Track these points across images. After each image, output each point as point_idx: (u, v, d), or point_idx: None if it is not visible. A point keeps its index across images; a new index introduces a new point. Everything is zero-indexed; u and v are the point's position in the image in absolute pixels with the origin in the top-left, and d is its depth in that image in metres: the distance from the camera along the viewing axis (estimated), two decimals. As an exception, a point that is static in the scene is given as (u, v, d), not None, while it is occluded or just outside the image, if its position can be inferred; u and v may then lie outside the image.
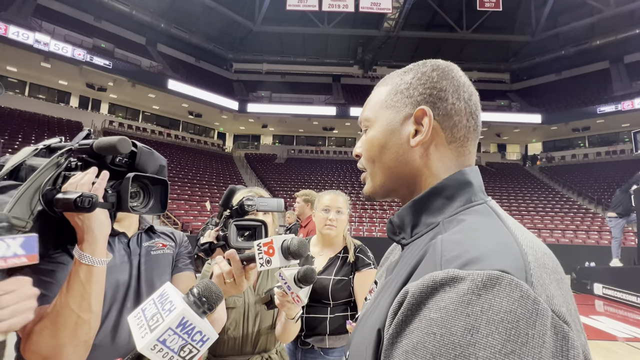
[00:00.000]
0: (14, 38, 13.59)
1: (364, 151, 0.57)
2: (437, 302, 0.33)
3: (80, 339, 0.70)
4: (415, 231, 0.50)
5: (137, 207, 0.75)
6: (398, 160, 0.52)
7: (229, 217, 1.00)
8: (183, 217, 12.41)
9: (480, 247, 0.37)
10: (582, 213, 15.88)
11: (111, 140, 0.70)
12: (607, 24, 19.70)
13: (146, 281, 0.95)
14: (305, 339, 1.48)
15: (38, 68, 15.67)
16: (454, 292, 0.33)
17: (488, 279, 0.32)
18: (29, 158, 0.74)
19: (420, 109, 0.50)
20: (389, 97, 0.54)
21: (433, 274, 0.35)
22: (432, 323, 0.32)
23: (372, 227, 13.90)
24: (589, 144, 22.21)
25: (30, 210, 0.66)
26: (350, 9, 18.80)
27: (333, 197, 1.59)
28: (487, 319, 0.30)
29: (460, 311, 0.31)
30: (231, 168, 20.31)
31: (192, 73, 21.55)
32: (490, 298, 0.31)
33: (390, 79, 0.57)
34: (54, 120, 16.42)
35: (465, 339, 0.30)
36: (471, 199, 0.48)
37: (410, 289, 0.36)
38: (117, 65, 16.61)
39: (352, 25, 21.41)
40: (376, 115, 0.55)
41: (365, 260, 1.53)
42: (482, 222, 0.43)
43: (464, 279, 0.33)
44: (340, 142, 25.12)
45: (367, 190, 0.57)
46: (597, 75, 21.95)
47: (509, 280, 0.32)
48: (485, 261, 0.34)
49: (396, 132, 0.52)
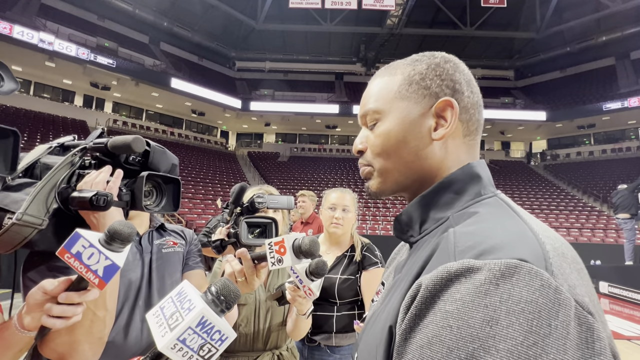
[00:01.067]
0: (19, 37, 13.67)
1: (373, 146, 0.52)
2: (452, 294, 0.32)
3: (95, 336, 0.71)
4: (423, 227, 0.49)
5: (151, 205, 0.76)
6: (417, 155, 0.50)
7: (240, 215, 1.01)
8: (187, 215, 12.46)
9: (496, 237, 0.35)
10: (587, 211, 15.76)
11: (126, 139, 0.71)
12: (613, 20, 19.46)
13: (158, 279, 0.95)
14: (312, 337, 1.49)
15: (42, 67, 15.77)
16: (470, 282, 0.31)
17: (506, 268, 0.31)
18: (43, 156, 0.75)
19: (445, 101, 0.49)
20: (402, 87, 0.51)
21: (447, 265, 0.34)
22: (447, 315, 0.31)
23: (376, 225, 13.89)
24: (594, 142, 22.00)
25: (46, 208, 0.67)
26: (353, 6, 18.70)
27: (340, 195, 1.59)
28: (506, 309, 0.29)
29: (477, 302, 0.30)
30: (234, 166, 20.35)
31: (195, 71, 21.57)
32: (509, 288, 0.30)
33: (398, 68, 0.53)
34: (59, 119, 16.53)
35: (484, 331, 0.29)
36: (481, 192, 0.47)
37: (423, 282, 0.35)
38: (121, 64, 16.68)
39: (354, 23, 21.31)
40: (389, 106, 0.51)
41: (372, 259, 1.52)
42: (495, 213, 0.42)
43: (480, 269, 0.31)
44: (343, 140, 25.07)
45: (375, 187, 0.53)
46: (602, 72, 21.71)
47: (529, 269, 0.30)
48: (502, 250, 0.33)
49: (416, 125, 0.50)
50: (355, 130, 23.96)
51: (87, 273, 0.55)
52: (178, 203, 0.81)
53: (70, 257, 0.54)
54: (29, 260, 0.78)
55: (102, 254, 0.55)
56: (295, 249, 0.77)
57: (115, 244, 0.56)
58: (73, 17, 18.09)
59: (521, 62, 24.51)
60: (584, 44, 21.20)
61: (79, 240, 0.55)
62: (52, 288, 0.59)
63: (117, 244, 0.56)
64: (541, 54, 23.12)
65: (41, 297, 0.60)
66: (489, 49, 23.28)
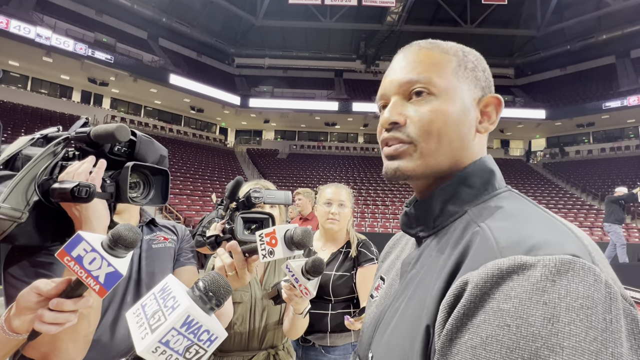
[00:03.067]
0: (16, 32, 13.54)
1: (425, 121, 0.47)
2: (507, 292, 0.31)
3: (79, 335, 0.68)
4: (438, 222, 0.47)
5: (137, 198, 0.73)
6: (464, 143, 0.48)
7: (235, 210, 0.98)
8: (185, 212, 12.44)
9: (538, 232, 0.35)
10: (586, 209, 15.80)
11: (109, 128, 0.67)
12: (613, 19, 19.40)
13: (147, 275, 0.93)
14: (306, 336, 1.46)
15: (40, 62, 15.64)
16: (524, 279, 0.30)
17: (561, 264, 0.30)
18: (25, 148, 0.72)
19: (495, 97, 0.49)
20: (459, 69, 0.49)
21: (497, 261, 0.32)
22: (504, 314, 0.30)
23: (375, 222, 13.88)
24: (594, 140, 22.01)
25: (26, 201, 0.64)
26: (353, 3, 18.60)
27: (335, 190, 1.56)
28: (566, 306, 0.28)
29: (536, 299, 0.29)
30: (233, 163, 20.30)
31: (194, 68, 21.46)
32: (566, 284, 0.29)
33: (449, 48, 0.51)
34: (56, 114, 16.43)
35: (546, 329, 0.28)
36: (495, 186, 0.47)
37: (470, 279, 0.33)
38: (119, 60, 16.55)
39: (354, 20, 21.19)
40: (448, 84, 0.48)
41: (368, 255, 1.49)
42: (522, 208, 0.41)
43: (534, 265, 0.31)
44: (343, 138, 25.02)
45: (410, 168, 0.47)
46: (602, 71, 21.68)
47: (582, 264, 0.30)
48: (552, 246, 0.32)
49: (469, 112, 0.48)
50: (354, 127, 23.92)
51: (88, 279, 0.52)
52: (167, 195, 0.78)
53: (71, 260, 0.51)
54: (10, 255, 0.75)
55: (105, 260, 0.52)
56: (287, 240, 0.73)
57: (118, 249, 0.53)
58: (70, 12, 17.94)
59: (521, 60, 24.45)
60: (584, 42, 21.15)
61: (81, 243, 0.51)
62: (46, 290, 0.56)
63: (121, 249, 0.53)
64: (541, 52, 23.06)
65: (34, 299, 0.56)
66: (489, 47, 23.17)
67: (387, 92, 0.51)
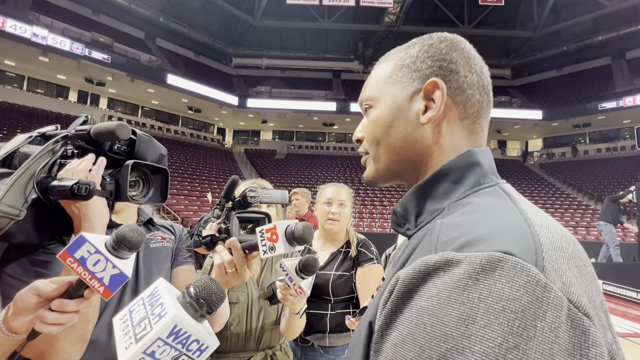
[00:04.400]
0: (11, 31, 13.45)
1: (366, 133, 0.52)
2: (428, 289, 0.29)
3: (76, 333, 0.68)
4: (419, 220, 0.46)
5: (137, 196, 0.73)
6: (406, 140, 0.48)
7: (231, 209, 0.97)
8: (183, 212, 12.39)
9: (483, 227, 0.33)
10: (582, 209, 15.89)
11: (109, 126, 0.67)
12: (609, 20, 19.54)
13: (145, 275, 0.93)
14: (305, 337, 1.45)
15: (36, 62, 15.53)
16: (447, 277, 0.29)
17: (487, 262, 0.28)
18: (23, 145, 0.72)
19: (431, 82, 0.46)
20: (393, 72, 0.50)
21: (425, 258, 0.31)
22: (422, 312, 0.29)
23: (372, 222, 13.90)
24: (590, 141, 22.15)
25: (24, 198, 0.63)
26: (351, 3, 18.62)
27: (335, 189, 1.56)
28: (485, 307, 0.26)
29: (454, 298, 0.27)
30: (231, 163, 20.25)
31: (192, 68, 21.39)
32: (490, 283, 0.27)
33: (393, 54, 0.52)
34: (53, 114, 16.32)
35: (459, 330, 0.26)
36: (480, 181, 0.43)
37: (400, 275, 0.32)
38: (116, 60, 16.48)
39: (352, 20, 21.22)
40: (380, 92, 0.51)
41: (367, 255, 1.49)
42: (490, 202, 0.39)
43: (460, 262, 0.29)
44: (341, 138, 25.03)
45: (368, 174, 0.53)
46: (598, 72, 21.82)
47: (513, 263, 0.27)
48: (486, 242, 0.30)
49: (404, 109, 0.48)
50: (352, 128, 23.92)
51: (92, 280, 0.51)
52: (166, 194, 0.77)
53: (74, 261, 0.50)
54: (6, 253, 0.75)
55: (110, 262, 0.51)
56: (288, 236, 0.72)
57: (122, 251, 0.52)
58: (67, 12, 17.83)
59: (518, 61, 24.57)
60: (580, 44, 21.30)
61: (84, 245, 0.50)
62: (47, 291, 0.55)
63: (125, 250, 0.52)
64: (538, 53, 23.19)
65: (34, 300, 0.55)
66: (486, 48, 23.26)
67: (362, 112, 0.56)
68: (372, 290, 1.42)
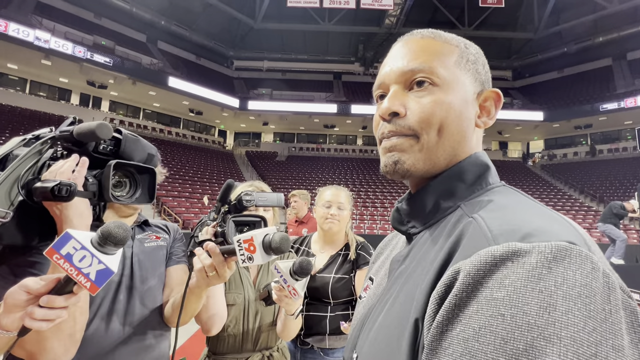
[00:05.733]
0: (15, 35, 13.54)
1: (425, 113, 0.44)
2: (501, 280, 0.29)
3: (64, 333, 0.68)
4: (429, 218, 0.46)
5: (122, 197, 0.72)
6: (464, 136, 0.46)
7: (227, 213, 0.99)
8: (184, 215, 12.41)
9: (533, 220, 0.33)
10: (584, 211, 15.83)
11: (90, 126, 0.66)
12: (609, 21, 19.54)
13: (139, 273, 0.95)
14: (304, 339, 1.46)
15: (39, 65, 15.63)
16: (518, 266, 0.29)
17: (557, 250, 0.29)
18: (17, 148, 0.72)
19: (495, 92, 0.48)
20: (461, 60, 0.47)
21: (490, 249, 0.31)
22: (497, 303, 0.28)
23: (374, 224, 13.88)
24: (591, 142, 22.11)
25: (9, 201, 0.64)
26: (351, 6, 18.68)
27: (334, 192, 1.56)
28: (563, 294, 0.26)
29: (531, 287, 0.27)
30: (232, 166, 20.29)
31: (193, 70, 21.48)
32: (562, 271, 0.27)
33: (452, 39, 0.49)
34: (55, 117, 16.40)
35: (542, 318, 0.26)
36: (489, 181, 0.46)
37: (462, 267, 0.31)
38: (118, 63, 16.57)
39: (353, 22, 21.28)
40: (452, 75, 0.46)
41: (366, 258, 1.49)
42: (516, 199, 0.40)
43: (530, 252, 0.29)
44: (341, 140, 25.05)
45: (409, 161, 0.45)
46: (599, 73, 21.80)
47: (579, 252, 0.29)
48: (547, 233, 0.31)
49: (470, 105, 0.47)
50: (352, 130, 23.95)
51: (79, 276, 0.52)
52: (153, 194, 0.77)
53: (60, 258, 0.51)
54: None
55: (95, 257, 0.53)
56: (265, 246, 0.72)
57: (108, 246, 0.53)
58: (69, 15, 17.96)
59: (519, 63, 24.57)
60: (581, 45, 21.28)
61: (70, 241, 0.52)
62: (36, 288, 0.56)
63: (111, 246, 0.53)
64: (539, 54, 23.19)
65: (23, 297, 0.56)
66: (486, 49, 22.32)
67: (386, 81, 0.49)
68: None
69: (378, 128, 0.49)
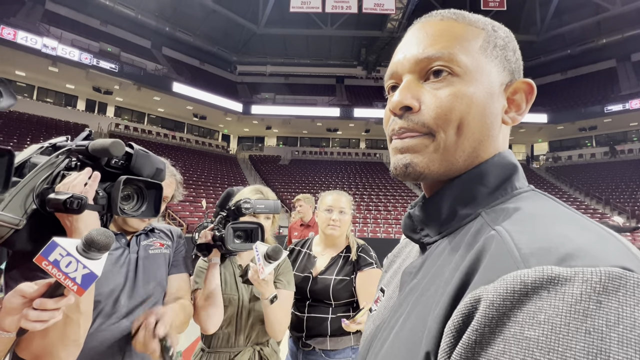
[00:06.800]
0: (23, 43, 13.80)
1: (443, 108, 0.38)
2: (533, 314, 0.23)
3: (69, 339, 0.72)
4: (446, 226, 0.40)
5: (129, 210, 0.76)
6: (488, 134, 0.39)
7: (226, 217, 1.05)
8: (188, 219, 12.48)
9: (572, 236, 0.27)
10: (590, 213, 15.67)
11: (105, 143, 0.71)
12: (613, 23, 19.46)
13: (143, 279, 0.99)
14: (306, 340, 1.48)
15: (46, 72, 15.90)
16: (559, 299, 0.23)
17: (608, 279, 0.23)
18: (34, 156, 0.76)
19: (527, 83, 0.41)
20: (487, 46, 0.40)
21: (519, 273, 0.25)
22: (530, 345, 0.22)
23: (377, 228, 13.85)
24: (596, 144, 21.92)
25: (24, 209, 0.67)
26: (353, 10, 18.79)
27: (336, 197, 1.59)
28: (618, 337, 0.21)
29: (575, 327, 0.22)
30: (235, 170, 20.39)
31: (197, 76, 21.71)
32: (616, 306, 0.22)
33: (477, 20, 0.42)
34: (62, 123, 16.64)
35: None
36: (515, 185, 0.39)
37: (484, 296, 0.25)
38: (123, 69, 16.80)
39: (355, 27, 21.41)
40: (476, 63, 0.39)
41: (367, 260, 1.52)
42: (548, 207, 0.34)
43: (571, 280, 0.23)
44: (345, 143, 25.09)
45: (423, 162, 0.39)
46: (603, 74, 21.68)
47: (637, 281, 0.23)
48: (592, 254, 0.25)
49: (495, 99, 0.39)
50: (355, 133, 23.99)
51: (66, 280, 0.57)
52: (159, 208, 0.81)
53: (48, 264, 0.56)
54: (12, 259, 0.79)
55: (80, 263, 0.57)
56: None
57: (92, 252, 0.57)
58: (76, 23, 18.28)
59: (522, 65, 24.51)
60: (584, 47, 21.20)
61: (56, 248, 0.57)
62: (30, 292, 0.61)
63: (94, 252, 0.58)
64: (542, 56, 23.12)
65: (19, 301, 0.61)
66: None
67: (398, 70, 0.42)
68: (371, 293, 1.44)
69: (388, 124, 0.42)
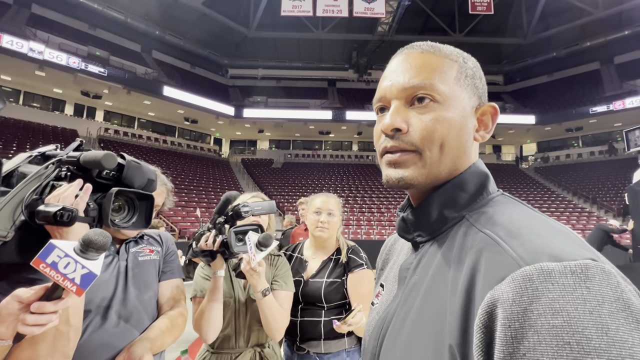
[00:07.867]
0: (8, 47, 13.54)
1: (427, 130, 0.46)
2: (550, 305, 0.29)
3: (58, 352, 0.71)
4: (435, 227, 0.47)
5: (120, 222, 0.75)
6: (464, 151, 0.48)
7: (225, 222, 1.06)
8: (180, 224, 12.35)
9: (549, 237, 0.35)
10: (578, 212, 16.01)
11: (97, 155, 0.70)
12: (596, 26, 20.01)
13: (133, 285, 0.98)
14: (300, 344, 1.48)
15: (32, 76, 15.61)
16: (558, 289, 0.29)
17: (586, 269, 0.30)
18: (23, 165, 0.74)
19: (492, 106, 0.50)
20: (460, 76, 0.48)
21: (522, 271, 0.31)
22: (559, 331, 0.28)
23: (370, 229, 13.90)
24: (583, 144, 22.44)
25: (12, 221, 0.66)
26: (344, 14, 18.94)
27: (324, 199, 1.59)
28: (608, 312, 0.28)
29: (581, 310, 0.28)
30: (228, 174, 20.27)
31: (188, 79, 21.57)
32: (598, 289, 0.29)
33: (450, 53, 0.50)
34: (49, 128, 16.34)
35: (603, 341, 0.27)
36: (489, 190, 0.48)
37: (502, 295, 0.31)
38: (112, 73, 16.60)
39: (346, 30, 21.58)
40: (452, 92, 0.47)
41: (357, 261, 1.52)
42: (519, 212, 0.42)
43: (563, 272, 0.30)
44: (337, 146, 25.18)
45: (412, 175, 0.46)
46: (588, 76, 22.25)
47: (601, 267, 0.30)
48: (568, 250, 0.32)
49: (469, 120, 0.48)
50: (348, 136, 24.10)
51: (64, 281, 0.56)
52: (149, 220, 0.80)
53: (46, 266, 0.56)
54: None
55: (79, 263, 0.57)
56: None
57: (90, 252, 0.57)
58: (63, 26, 18.00)
59: (510, 67, 25.01)
60: (569, 49, 21.73)
61: (54, 250, 0.56)
62: (26, 296, 0.60)
63: (92, 252, 0.58)
64: (529, 59, 23.63)
65: (16, 306, 0.60)
66: (478, 55, 22.12)
67: (387, 96, 0.49)
68: (363, 295, 1.45)
69: (379, 141, 0.50)
